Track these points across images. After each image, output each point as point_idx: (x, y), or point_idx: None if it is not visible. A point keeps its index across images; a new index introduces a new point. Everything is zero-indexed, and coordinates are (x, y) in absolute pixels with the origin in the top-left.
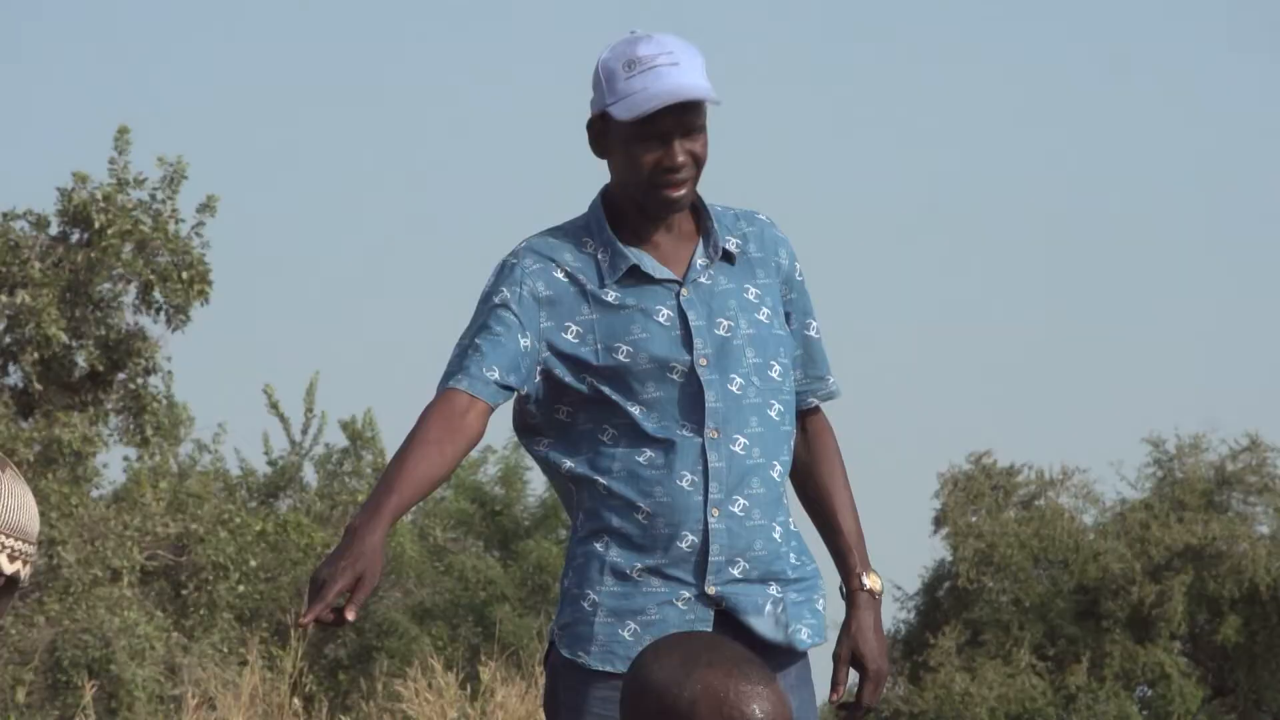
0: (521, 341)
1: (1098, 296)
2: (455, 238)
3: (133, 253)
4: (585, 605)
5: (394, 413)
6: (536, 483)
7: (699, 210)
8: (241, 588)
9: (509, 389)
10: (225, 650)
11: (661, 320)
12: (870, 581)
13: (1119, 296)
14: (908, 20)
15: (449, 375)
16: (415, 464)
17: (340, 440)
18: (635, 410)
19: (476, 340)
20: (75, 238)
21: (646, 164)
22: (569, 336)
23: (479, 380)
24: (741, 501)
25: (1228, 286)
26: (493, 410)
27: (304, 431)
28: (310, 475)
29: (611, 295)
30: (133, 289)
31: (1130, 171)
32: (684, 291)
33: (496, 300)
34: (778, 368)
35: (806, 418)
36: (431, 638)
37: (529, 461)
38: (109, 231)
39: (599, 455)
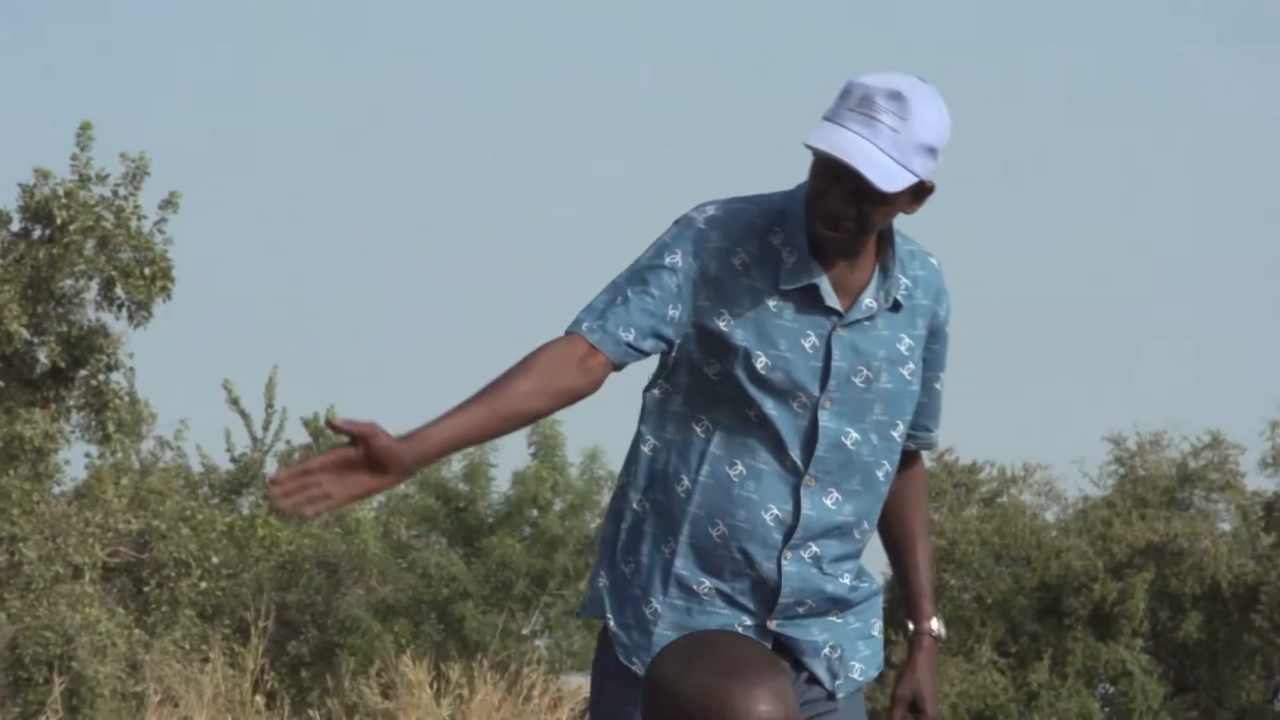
0: (670, 311)
1: (1059, 294)
2: (414, 236)
3: (95, 249)
4: (646, 612)
5: (355, 410)
6: (501, 479)
7: (884, 241)
8: (203, 584)
9: (639, 352)
10: (187, 647)
11: (807, 346)
12: (939, 627)
13: (1080, 294)
14: (890, 17)
15: (585, 317)
16: (499, 390)
17: (302, 437)
18: (750, 420)
19: (629, 292)
20: (37, 234)
21: (811, 192)
22: (721, 324)
23: (610, 337)
24: (814, 549)
25: (1188, 284)
26: (616, 367)
27: (265, 427)
28: (272, 470)
29: (775, 301)
30: (94, 285)
31: (1089, 171)
32: (840, 329)
33: (666, 260)
34: (900, 427)
35: (905, 459)
36: (394, 635)
37: (493, 458)
38: (71, 228)
39: (689, 449)
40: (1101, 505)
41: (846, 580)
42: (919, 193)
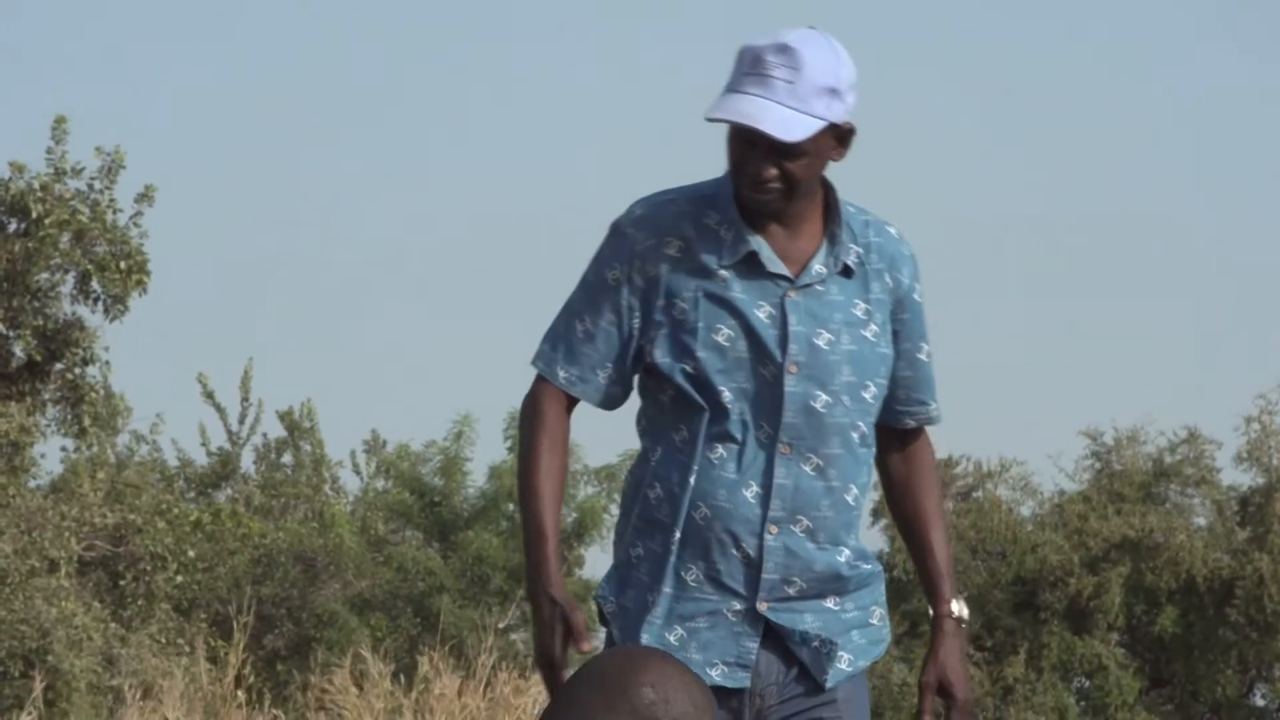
0: (633, 323)
1: (1034, 289)
2: (390, 229)
3: (70, 242)
4: (649, 597)
5: (331, 403)
6: (476, 474)
7: (830, 209)
8: (180, 578)
9: (625, 388)
10: (163, 641)
11: (762, 316)
12: (960, 609)
13: (1056, 289)
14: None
15: (554, 357)
16: (547, 489)
17: (277, 430)
18: (725, 398)
19: (588, 323)
20: (12, 227)
21: (732, 162)
22: (676, 314)
23: (591, 386)
24: (805, 522)
25: (1164, 279)
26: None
27: (241, 421)
28: (248, 464)
29: (721, 276)
30: (70, 279)
31: (1060, 168)
32: (792, 293)
33: (609, 277)
34: (873, 388)
35: (908, 437)
36: (371, 629)
37: (469, 453)
38: (46, 221)
39: (676, 440)
40: (1077, 500)
41: (844, 556)
42: (841, 137)
